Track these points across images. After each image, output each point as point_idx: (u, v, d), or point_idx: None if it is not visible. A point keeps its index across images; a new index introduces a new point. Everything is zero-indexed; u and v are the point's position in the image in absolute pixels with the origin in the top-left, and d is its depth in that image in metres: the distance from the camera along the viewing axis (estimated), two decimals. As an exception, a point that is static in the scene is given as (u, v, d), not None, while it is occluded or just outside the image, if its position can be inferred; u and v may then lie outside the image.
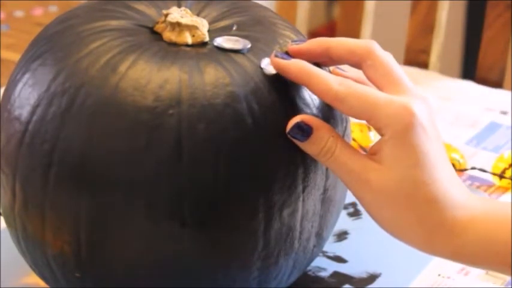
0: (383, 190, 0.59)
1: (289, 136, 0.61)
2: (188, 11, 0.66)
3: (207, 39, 0.64)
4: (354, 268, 0.76)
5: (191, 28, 0.64)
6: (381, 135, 0.60)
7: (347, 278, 0.74)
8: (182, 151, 0.58)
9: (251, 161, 0.60)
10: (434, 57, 1.24)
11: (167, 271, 0.61)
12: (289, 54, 0.63)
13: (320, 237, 0.67)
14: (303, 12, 1.36)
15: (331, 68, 0.67)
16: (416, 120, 0.59)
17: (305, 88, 0.63)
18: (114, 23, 0.64)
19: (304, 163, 0.62)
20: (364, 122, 0.71)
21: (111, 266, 0.62)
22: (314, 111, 0.63)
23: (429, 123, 0.60)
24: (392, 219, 0.60)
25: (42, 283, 0.70)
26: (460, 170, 0.90)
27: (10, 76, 0.66)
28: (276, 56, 0.62)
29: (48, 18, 1.27)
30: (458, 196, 0.60)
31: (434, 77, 1.18)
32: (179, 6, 0.67)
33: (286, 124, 0.61)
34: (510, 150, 0.92)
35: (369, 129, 0.94)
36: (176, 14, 0.64)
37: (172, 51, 0.63)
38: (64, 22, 0.65)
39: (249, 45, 0.63)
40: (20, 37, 1.25)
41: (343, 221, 0.81)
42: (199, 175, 0.59)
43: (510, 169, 0.89)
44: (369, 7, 1.29)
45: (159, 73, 0.60)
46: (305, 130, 0.61)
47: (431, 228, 0.59)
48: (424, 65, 1.23)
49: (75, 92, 0.60)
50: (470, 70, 1.38)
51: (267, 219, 0.61)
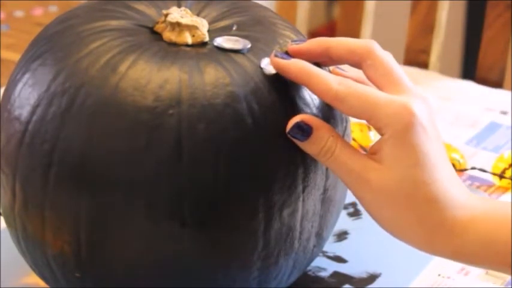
0: (383, 190, 0.59)
1: (289, 136, 0.61)
2: (188, 11, 0.66)
3: (207, 39, 0.64)
4: (354, 268, 0.76)
5: (191, 28, 0.64)
6: (381, 134, 0.60)
7: (347, 278, 0.74)
8: (182, 151, 0.58)
9: (251, 161, 0.60)
10: (434, 57, 1.24)
11: (167, 271, 0.61)
12: (289, 54, 0.63)
13: (320, 237, 0.67)
14: (303, 12, 1.36)
15: (331, 68, 0.67)
16: (416, 120, 0.59)
17: (305, 88, 0.63)
18: (114, 23, 0.64)
19: (304, 163, 0.62)
20: (364, 122, 0.71)
21: (111, 266, 0.62)
22: (314, 111, 0.63)
23: (429, 123, 0.60)
24: (392, 219, 0.60)
25: (42, 283, 0.70)
26: (460, 170, 0.90)
27: (10, 76, 0.66)
28: (276, 56, 0.62)
29: (48, 18, 1.27)
30: (458, 196, 0.60)
31: (434, 77, 1.18)
32: (179, 6, 0.67)
33: (286, 124, 0.61)
34: (510, 150, 0.92)
35: (369, 129, 0.94)
36: (176, 14, 0.64)
37: (172, 51, 0.63)
38: (64, 22, 0.65)
39: (249, 45, 0.63)
40: (20, 37, 1.25)
41: (343, 221, 0.81)
42: (199, 175, 0.59)
43: (510, 169, 0.89)
44: (369, 7, 1.29)
45: (159, 73, 0.60)
46: (305, 130, 0.61)
47: (431, 228, 0.59)
48: (424, 65, 1.23)
49: (75, 92, 0.60)
50: (470, 70, 1.38)
51: (267, 219, 0.61)
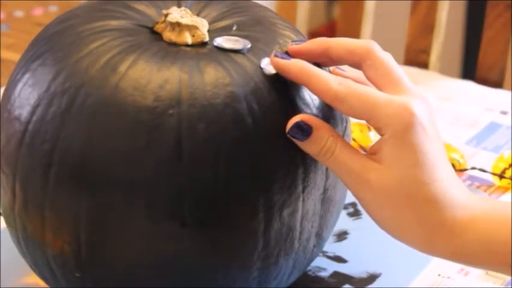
0: (383, 190, 0.59)
1: (289, 136, 0.61)
2: (188, 11, 0.66)
3: (207, 39, 0.64)
4: (354, 268, 0.76)
5: (191, 28, 0.64)
6: (381, 135, 0.60)
7: (347, 278, 0.74)
8: (182, 151, 0.58)
9: (251, 161, 0.60)
10: (434, 57, 1.24)
11: (167, 271, 0.61)
12: (289, 54, 0.63)
13: (320, 237, 0.67)
14: (303, 12, 1.36)
15: (331, 68, 0.67)
16: (416, 120, 0.59)
17: (305, 88, 0.63)
18: (114, 23, 0.64)
19: (304, 163, 0.62)
20: (364, 122, 0.71)
21: (111, 266, 0.62)
22: (314, 111, 0.63)
23: (429, 123, 0.60)
24: (392, 219, 0.60)
25: (42, 283, 0.70)
26: (460, 170, 0.90)
27: (10, 76, 0.66)
28: (276, 56, 0.62)
29: (48, 18, 1.27)
30: (458, 196, 0.60)
31: (434, 77, 1.18)
32: (179, 6, 0.67)
33: (286, 124, 0.61)
34: (510, 150, 0.92)
35: (369, 129, 0.94)
36: (176, 14, 0.64)
37: (172, 51, 0.63)
38: (64, 22, 0.65)
39: (249, 45, 0.63)
40: (20, 37, 1.25)
41: (343, 221, 0.81)
42: (199, 175, 0.59)
43: (510, 169, 0.89)
44: (369, 7, 1.29)
45: (159, 73, 0.60)
46: (305, 130, 0.61)
47: (431, 228, 0.59)
48: (424, 65, 1.23)
49: (75, 92, 0.60)
50: (470, 70, 1.38)
51: (267, 219, 0.61)
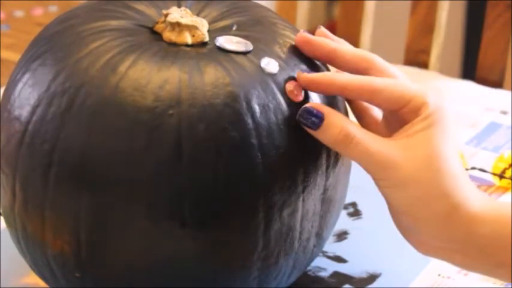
0: (409, 169, 0.59)
1: (301, 124, 0.61)
2: (188, 11, 0.66)
3: (207, 39, 0.64)
4: (354, 268, 0.76)
5: (191, 28, 0.64)
6: (416, 117, 0.60)
7: (347, 278, 0.74)
8: (182, 151, 0.58)
9: (251, 161, 0.60)
10: (434, 57, 1.24)
11: (167, 271, 0.61)
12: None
13: (320, 237, 0.67)
14: (303, 12, 1.36)
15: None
16: (448, 110, 0.61)
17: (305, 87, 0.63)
18: (114, 23, 0.64)
19: (304, 163, 0.62)
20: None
21: (111, 266, 0.62)
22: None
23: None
24: (411, 204, 0.60)
25: (42, 283, 0.70)
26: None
27: (10, 76, 0.66)
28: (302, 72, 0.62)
29: (48, 18, 1.27)
30: (473, 190, 0.60)
31: (434, 77, 1.18)
32: (179, 6, 0.67)
33: (286, 124, 0.61)
34: (510, 150, 0.92)
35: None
36: (176, 14, 0.64)
37: (172, 51, 0.63)
38: (64, 22, 0.65)
39: (251, 47, 0.63)
40: (20, 37, 1.25)
41: (343, 221, 0.81)
42: (199, 175, 0.59)
43: (510, 169, 0.89)
44: (369, 7, 1.29)
45: (159, 73, 0.60)
46: (316, 115, 0.60)
47: (452, 205, 0.59)
48: (424, 65, 1.23)
49: (75, 92, 0.60)
50: (470, 70, 1.38)
51: (267, 219, 0.61)
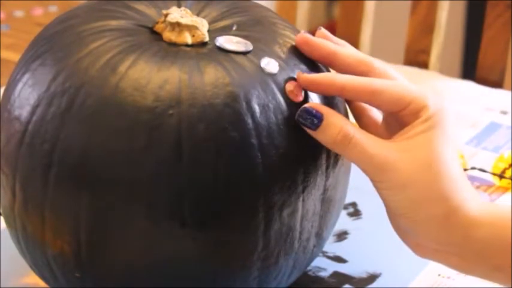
0: (407, 171, 0.59)
1: (300, 123, 0.61)
2: (188, 11, 0.66)
3: (207, 39, 0.64)
4: (354, 268, 0.76)
5: (191, 28, 0.64)
6: (416, 119, 0.60)
7: (347, 278, 0.74)
8: (182, 151, 0.58)
9: (251, 161, 0.60)
10: (434, 57, 1.24)
11: (167, 271, 0.61)
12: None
13: (320, 237, 0.67)
14: (303, 12, 1.36)
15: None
16: (449, 112, 0.60)
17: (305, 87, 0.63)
18: (114, 23, 0.64)
19: (304, 163, 0.62)
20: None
21: (111, 266, 0.62)
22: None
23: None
24: (408, 207, 0.60)
25: (42, 283, 0.70)
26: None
27: (10, 76, 0.66)
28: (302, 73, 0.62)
29: (48, 18, 1.27)
30: (472, 194, 0.60)
31: (434, 77, 1.18)
32: (179, 6, 0.67)
33: (286, 124, 0.61)
34: (510, 150, 0.92)
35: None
36: (176, 14, 0.64)
37: (172, 51, 0.63)
38: (64, 22, 0.65)
39: (251, 47, 0.63)
40: (20, 37, 1.25)
41: (343, 221, 0.81)
42: (199, 175, 0.59)
43: (510, 169, 0.89)
44: (369, 7, 1.29)
45: (159, 73, 0.60)
46: (315, 115, 0.60)
47: (450, 208, 0.59)
48: (424, 65, 1.23)
49: (75, 92, 0.60)
50: (470, 70, 1.38)
51: (267, 219, 0.61)
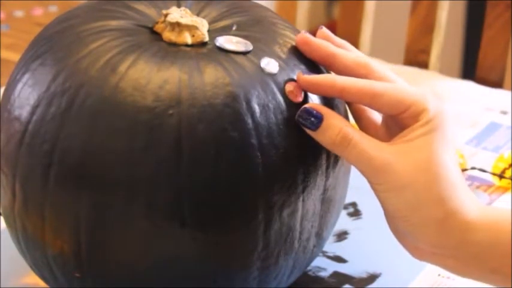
0: (406, 172, 0.59)
1: (300, 124, 0.61)
2: (188, 11, 0.66)
3: (207, 39, 0.64)
4: (354, 268, 0.76)
5: (191, 28, 0.64)
6: (416, 122, 0.60)
7: (347, 278, 0.74)
8: (182, 151, 0.58)
9: (251, 161, 0.60)
10: (434, 57, 1.24)
11: (167, 271, 0.61)
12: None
13: (320, 237, 0.67)
14: (303, 12, 1.36)
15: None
16: (448, 116, 0.61)
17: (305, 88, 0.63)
18: (114, 23, 0.64)
19: (304, 163, 0.62)
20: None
21: (111, 266, 0.62)
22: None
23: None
24: (408, 204, 0.60)
25: (42, 283, 0.70)
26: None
27: (10, 76, 0.66)
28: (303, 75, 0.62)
29: (48, 18, 1.27)
30: (470, 197, 0.61)
31: (434, 77, 1.18)
32: (179, 6, 0.67)
33: (286, 124, 0.61)
34: (510, 150, 0.92)
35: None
36: (176, 14, 0.64)
37: (172, 51, 0.63)
38: (64, 22, 0.65)
39: (251, 47, 0.63)
40: (20, 37, 1.25)
41: (343, 221, 0.81)
42: (199, 175, 0.59)
43: (510, 169, 0.89)
44: (369, 7, 1.29)
45: (159, 73, 0.60)
46: (315, 115, 0.60)
47: (447, 211, 0.59)
48: (424, 65, 1.23)
49: (75, 92, 0.60)
50: (470, 70, 1.38)
51: (267, 219, 0.61)
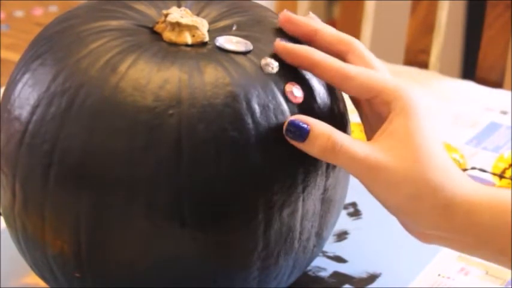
0: (399, 168, 0.59)
1: (288, 139, 0.61)
2: (188, 11, 0.66)
3: (207, 39, 0.64)
4: (354, 268, 0.76)
5: (191, 28, 0.64)
6: (389, 110, 0.61)
7: (347, 278, 0.74)
8: (182, 151, 0.58)
9: (251, 161, 0.60)
10: (434, 57, 1.24)
11: (167, 271, 0.61)
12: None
13: (320, 237, 0.67)
14: (303, 12, 1.36)
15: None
16: (422, 98, 0.61)
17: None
18: (114, 23, 0.64)
19: (304, 163, 0.62)
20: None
21: (111, 266, 0.62)
22: (315, 110, 0.63)
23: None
24: (406, 198, 0.60)
25: (42, 283, 0.70)
26: (460, 170, 0.90)
27: (10, 76, 0.66)
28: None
29: (48, 18, 1.27)
30: (465, 178, 0.61)
31: (434, 77, 1.18)
32: (179, 6, 0.67)
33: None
34: (510, 150, 0.92)
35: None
36: (176, 14, 0.64)
37: (172, 51, 0.63)
38: (64, 22, 0.65)
39: (251, 47, 0.63)
40: (20, 37, 1.25)
41: (343, 221, 0.81)
42: (199, 175, 0.59)
43: (510, 169, 0.89)
44: (369, 7, 1.29)
45: (159, 73, 0.60)
46: (302, 127, 0.60)
47: (447, 198, 0.59)
48: (424, 65, 1.23)
49: (75, 92, 0.60)
50: (470, 70, 1.38)
51: (267, 219, 0.61)
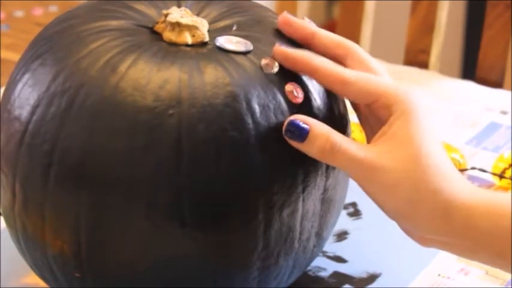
0: (397, 170, 0.59)
1: (287, 139, 0.61)
2: (188, 11, 0.66)
3: (207, 39, 0.64)
4: (354, 268, 0.76)
5: (191, 28, 0.64)
6: (389, 114, 0.61)
7: (347, 278, 0.74)
8: (182, 151, 0.58)
9: (251, 161, 0.60)
10: (434, 57, 1.24)
11: (167, 271, 0.61)
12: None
13: (320, 237, 0.67)
14: (303, 12, 1.36)
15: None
16: (423, 102, 0.61)
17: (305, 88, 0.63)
18: (114, 23, 0.64)
19: (304, 163, 0.62)
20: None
21: (111, 266, 0.62)
22: (314, 110, 0.63)
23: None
24: (404, 201, 0.60)
25: (42, 283, 0.70)
26: (460, 170, 0.90)
27: (10, 76, 0.66)
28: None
29: (48, 18, 1.27)
30: (463, 182, 0.61)
31: (434, 77, 1.18)
32: (179, 6, 0.67)
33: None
34: (510, 150, 0.92)
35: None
36: (176, 14, 0.64)
37: (172, 51, 0.63)
38: (64, 22, 0.65)
39: (251, 47, 0.63)
40: (20, 37, 1.25)
41: (343, 221, 0.81)
42: (199, 175, 0.59)
43: (510, 169, 0.89)
44: (369, 7, 1.29)
45: (159, 73, 0.60)
46: (301, 128, 0.60)
47: (445, 201, 0.59)
48: (424, 65, 1.23)
49: (75, 92, 0.60)
50: (470, 70, 1.38)
51: (267, 219, 0.61)
